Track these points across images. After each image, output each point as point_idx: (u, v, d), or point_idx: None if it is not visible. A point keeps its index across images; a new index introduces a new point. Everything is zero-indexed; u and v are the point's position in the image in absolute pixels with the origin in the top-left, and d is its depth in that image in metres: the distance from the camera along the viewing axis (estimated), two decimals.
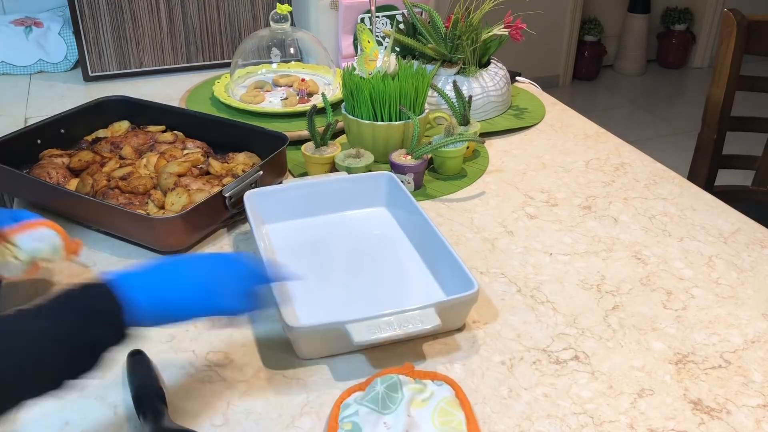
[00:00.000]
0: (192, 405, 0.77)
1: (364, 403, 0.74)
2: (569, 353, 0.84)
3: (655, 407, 0.77)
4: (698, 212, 1.14)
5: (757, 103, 2.10)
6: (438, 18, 1.39)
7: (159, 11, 1.63)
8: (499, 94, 1.42)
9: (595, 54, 4.18)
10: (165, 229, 0.98)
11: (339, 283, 0.95)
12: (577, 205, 1.15)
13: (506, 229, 1.09)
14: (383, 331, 0.78)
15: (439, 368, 0.82)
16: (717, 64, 1.62)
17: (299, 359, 0.83)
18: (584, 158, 1.31)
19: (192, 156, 1.16)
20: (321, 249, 1.01)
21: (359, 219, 1.08)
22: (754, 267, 1.00)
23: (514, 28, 1.41)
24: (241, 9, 1.70)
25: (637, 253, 1.03)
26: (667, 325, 0.89)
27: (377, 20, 1.59)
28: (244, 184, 1.06)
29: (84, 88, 1.62)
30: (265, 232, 1.04)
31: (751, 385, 0.80)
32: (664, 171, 1.27)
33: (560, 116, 1.48)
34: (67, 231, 1.06)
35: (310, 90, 1.48)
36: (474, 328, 0.88)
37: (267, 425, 0.75)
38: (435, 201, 1.16)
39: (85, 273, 0.97)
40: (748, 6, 3.51)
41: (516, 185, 1.21)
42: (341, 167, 1.15)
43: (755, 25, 1.57)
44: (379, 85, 1.19)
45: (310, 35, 1.55)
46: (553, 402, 0.78)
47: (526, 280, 0.97)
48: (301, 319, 0.87)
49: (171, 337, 0.86)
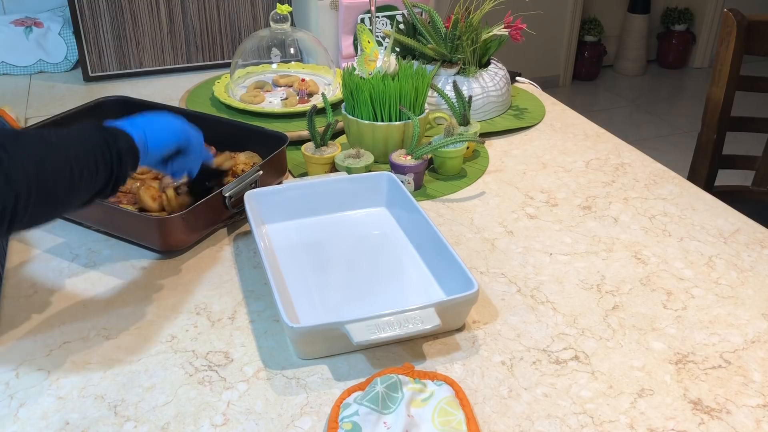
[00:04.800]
0: (192, 405, 0.77)
1: (364, 403, 0.74)
2: (569, 353, 0.84)
3: (655, 407, 0.77)
4: (698, 212, 1.14)
5: (757, 103, 2.11)
6: (438, 18, 1.39)
7: (159, 11, 1.63)
8: (499, 94, 1.42)
9: (595, 54, 4.18)
10: (165, 229, 0.98)
11: (339, 283, 0.95)
12: (577, 205, 1.16)
13: (506, 229, 1.09)
14: (383, 331, 0.78)
15: (439, 368, 0.82)
16: (717, 64, 1.62)
17: (299, 359, 0.83)
18: (584, 158, 1.31)
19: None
20: (321, 249, 1.01)
21: (359, 219, 1.08)
22: (754, 267, 1.01)
23: (514, 29, 1.41)
24: (241, 9, 1.70)
25: (637, 253, 1.03)
26: (667, 325, 0.89)
27: (377, 20, 1.59)
28: (244, 184, 1.06)
29: (84, 88, 1.63)
30: (265, 232, 1.04)
31: (751, 385, 0.80)
32: (664, 171, 1.27)
33: (560, 116, 1.48)
34: (67, 231, 1.06)
35: (310, 90, 1.48)
36: (474, 328, 0.88)
37: (267, 425, 0.75)
38: (435, 201, 1.16)
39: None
40: (748, 6, 3.52)
41: (516, 185, 1.21)
42: (341, 167, 1.15)
43: (755, 25, 1.57)
44: (379, 86, 1.19)
45: (310, 35, 1.55)
46: (553, 402, 0.78)
47: (526, 280, 0.97)
48: (301, 319, 0.87)
49: (171, 337, 0.86)
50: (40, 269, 0.99)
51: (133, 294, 0.94)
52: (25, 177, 0.70)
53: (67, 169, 0.75)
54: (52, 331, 0.87)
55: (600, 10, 4.20)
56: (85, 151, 0.78)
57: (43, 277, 0.97)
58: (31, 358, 0.83)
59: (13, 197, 0.69)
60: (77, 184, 0.77)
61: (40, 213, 0.74)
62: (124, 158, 0.83)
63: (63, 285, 0.96)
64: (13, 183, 0.69)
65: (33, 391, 0.78)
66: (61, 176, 0.74)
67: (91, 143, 0.80)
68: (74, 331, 0.87)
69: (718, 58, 1.62)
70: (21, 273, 0.98)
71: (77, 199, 0.79)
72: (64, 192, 0.76)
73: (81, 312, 0.91)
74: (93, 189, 0.80)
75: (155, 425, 0.74)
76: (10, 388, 0.79)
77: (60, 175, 0.74)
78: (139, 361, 0.83)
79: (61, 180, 0.75)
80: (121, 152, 0.83)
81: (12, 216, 0.70)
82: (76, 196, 0.78)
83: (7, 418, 0.75)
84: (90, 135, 0.81)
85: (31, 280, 0.96)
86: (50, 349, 0.84)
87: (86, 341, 0.86)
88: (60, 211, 0.78)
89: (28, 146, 0.72)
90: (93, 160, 0.79)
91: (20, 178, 0.70)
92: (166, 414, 0.76)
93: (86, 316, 0.90)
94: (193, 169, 1.00)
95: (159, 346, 0.85)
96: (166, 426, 0.74)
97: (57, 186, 0.74)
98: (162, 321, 0.89)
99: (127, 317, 0.90)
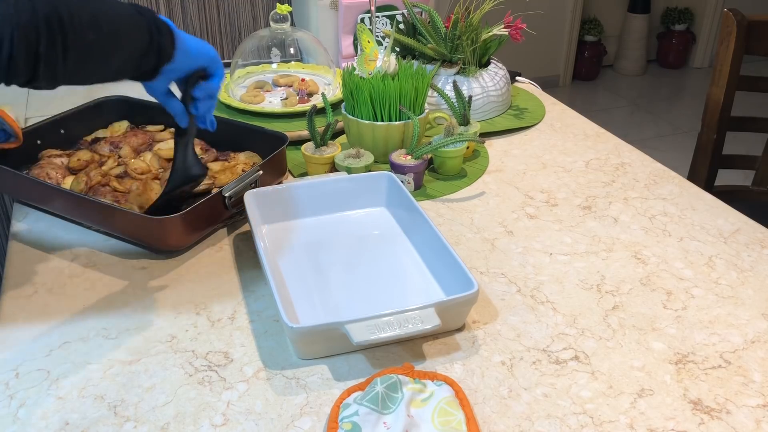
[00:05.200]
0: (192, 405, 0.77)
1: (364, 403, 0.74)
2: (569, 353, 0.84)
3: (655, 407, 0.77)
4: (698, 212, 1.14)
5: (757, 103, 2.11)
6: (438, 18, 1.39)
7: (159, 11, 1.63)
8: (499, 94, 1.42)
9: (595, 54, 4.18)
10: (165, 229, 0.98)
11: (339, 283, 0.95)
12: (577, 205, 1.16)
13: (506, 229, 1.09)
14: (383, 331, 0.78)
15: (439, 368, 0.82)
16: (717, 64, 1.62)
17: (299, 359, 0.83)
18: (584, 158, 1.31)
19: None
20: (321, 249, 1.01)
21: (359, 219, 1.08)
22: (754, 267, 1.01)
23: (514, 28, 1.42)
24: (241, 9, 1.70)
25: (637, 253, 1.03)
26: (667, 325, 0.89)
27: (377, 20, 1.59)
28: (244, 184, 1.06)
29: (84, 88, 1.62)
30: (265, 232, 1.04)
31: (751, 385, 0.80)
32: (664, 171, 1.27)
33: (560, 116, 1.48)
34: (67, 231, 1.06)
35: (310, 90, 1.48)
36: (474, 328, 0.88)
37: (267, 425, 0.75)
38: (435, 201, 1.16)
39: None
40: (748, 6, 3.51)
41: (516, 185, 1.21)
42: (341, 167, 1.15)
43: (755, 25, 1.57)
44: (379, 85, 1.19)
45: (310, 35, 1.55)
46: (553, 402, 0.78)
47: (526, 280, 0.97)
48: (301, 319, 0.87)
49: (171, 337, 0.86)
50: (40, 269, 0.99)
51: (133, 294, 0.94)
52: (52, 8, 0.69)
53: (101, 16, 0.74)
54: (52, 331, 0.87)
55: (600, 10, 4.20)
56: (118, 13, 0.76)
57: (43, 277, 0.97)
58: (31, 358, 0.83)
59: (8, 29, 0.66)
60: (114, 38, 0.75)
61: (77, 57, 0.72)
62: (162, 27, 0.82)
63: (63, 285, 0.96)
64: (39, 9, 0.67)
65: (33, 391, 0.78)
66: (81, 23, 0.72)
67: (124, 9, 0.78)
68: (74, 331, 0.87)
69: (718, 58, 1.62)
70: (21, 273, 0.98)
71: (117, 56, 0.77)
72: (86, 45, 0.73)
73: (81, 312, 0.91)
74: (134, 50, 0.78)
75: (155, 425, 0.74)
76: (10, 388, 0.79)
77: (79, 20, 0.71)
78: (139, 361, 0.83)
79: (82, 28, 0.72)
80: (158, 22, 0.81)
81: (9, 56, 0.66)
82: (115, 51, 0.76)
83: (7, 418, 0.75)
84: (120, 4, 0.79)
85: (31, 280, 0.96)
86: (50, 349, 0.84)
87: (86, 341, 0.86)
88: (101, 63, 0.76)
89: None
90: (128, 17, 0.77)
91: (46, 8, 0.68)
92: (166, 414, 0.76)
93: (86, 316, 0.90)
94: (215, 94, 0.98)
95: (159, 346, 0.85)
96: (166, 426, 0.74)
97: (76, 34, 0.71)
98: (162, 321, 0.89)
99: (127, 317, 0.90)
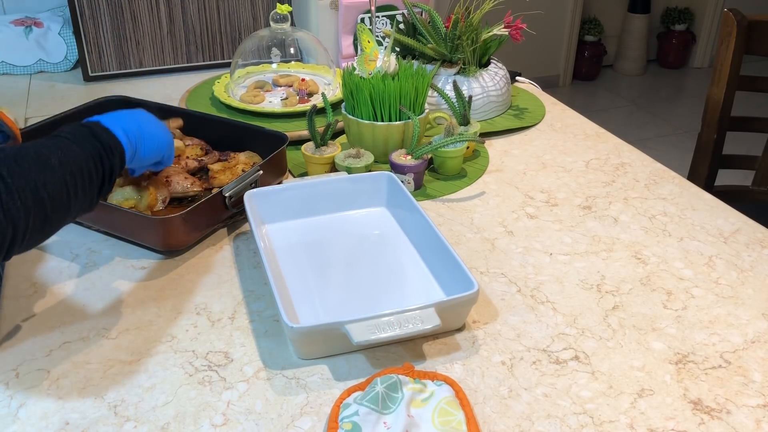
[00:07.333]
0: (192, 405, 0.77)
1: (364, 403, 0.74)
2: (569, 353, 0.84)
3: (655, 407, 0.77)
4: (698, 212, 1.14)
5: (757, 103, 2.11)
6: (438, 18, 1.39)
7: (159, 11, 1.63)
8: (499, 94, 1.42)
9: (595, 54, 4.18)
10: (165, 228, 0.98)
11: (339, 283, 0.95)
12: (577, 205, 1.16)
13: (506, 229, 1.09)
14: (383, 331, 0.78)
15: (439, 368, 0.82)
16: (717, 64, 1.62)
17: (299, 359, 0.83)
18: (584, 158, 1.31)
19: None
20: (321, 249, 1.01)
21: (359, 219, 1.08)
22: (754, 267, 1.01)
23: (514, 28, 1.41)
24: (241, 9, 1.70)
25: (637, 253, 1.03)
26: (667, 325, 0.89)
27: (377, 20, 1.60)
28: (244, 184, 1.06)
29: (84, 88, 1.62)
30: (265, 232, 1.04)
31: (751, 385, 0.80)
32: (664, 171, 1.27)
33: (560, 116, 1.48)
34: (67, 231, 1.06)
35: (310, 90, 1.48)
36: (474, 328, 0.88)
37: (267, 425, 0.75)
38: (435, 201, 1.16)
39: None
40: (748, 6, 3.51)
41: (516, 185, 1.21)
42: (341, 167, 1.15)
43: (755, 25, 1.57)
44: (379, 85, 1.19)
45: (310, 35, 1.55)
46: (553, 402, 0.78)
47: (526, 280, 0.97)
48: (301, 319, 0.87)
49: (171, 337, 0.86)
50: (40, 269, 0.99)
51: (133, 294, 0.94)
52: (24, 209, 0.70)
53: (64, 192, 0.75)
54: (52, 331, 0.87)
55: (600, 10, 4.20)
56: (80, 169, 0.78)
57: (43, 277, 0.97)
58: (31, 358, 0.83)
59: (11, 231, 0.69)
60: (72, 204, 0.77)
61: (37, 238, 0.75)
62: (114, 175, 0.84)
63: (63, 285, 0.96)
64: (11, 217, 0.69)
65: (33, 391, 0.78)
66: (58, 201, 0.75)
67: (85, 156, 0.79)
68: (74, 331, 0.87)
69: (718, 58, 1.62)
70: (21, 273, 0.98)
71: (69, 218, 0.79)
72: (61, 215, 0.76)
73: (81, 312, 0.91)
74: (82, 206, 0.80)
75: (155, 425, 0.74)
76: (10, 388, 0.79)
77: (57, 199, 0.74)
78: (139, 361, 0.83)
79: (59, 204, 0.75)
80: (113, 168, 0.84)
81: (9, 247, 0.70)
82: (69, 216, 0.79)
83: (7, 418, 0.75)
84: (86, 147, 0.80)
85: (31, 280, 0.96)
86: (50, 349, 0.84)
87: (86, 341, 0.86)
88: (54, 231, 0.78)
89: (26, 173, 0.71)
90: (88, 177, 0.79)
91: (19, 211, 0.69)
92: (166, 414, 0.76)
93: (86, 316, 0.90)
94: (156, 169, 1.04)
95: (159, 346, 0.85)
96: (166, 426, 0.74)
97: (54, 211, 0.74)
98: (162, 321, 0.89)
99: (127, 317, 0.90)
